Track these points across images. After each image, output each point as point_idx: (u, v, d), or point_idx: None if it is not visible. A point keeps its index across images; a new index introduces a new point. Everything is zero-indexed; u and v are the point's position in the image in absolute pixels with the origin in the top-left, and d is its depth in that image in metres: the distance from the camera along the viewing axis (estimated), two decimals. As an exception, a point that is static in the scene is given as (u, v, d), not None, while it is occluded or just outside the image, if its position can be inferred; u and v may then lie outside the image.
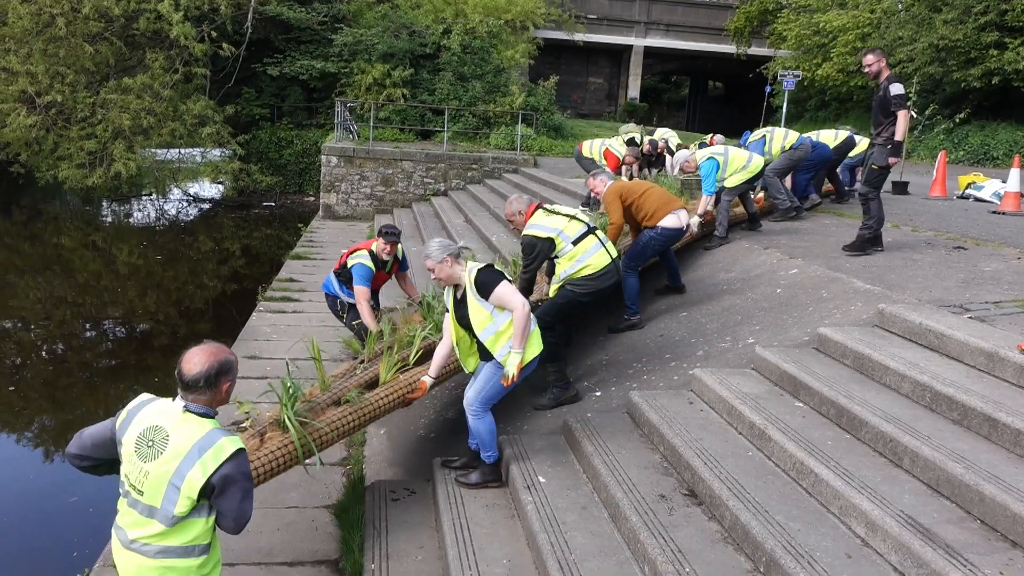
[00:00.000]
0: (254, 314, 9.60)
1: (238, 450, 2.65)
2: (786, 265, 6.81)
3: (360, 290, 6.30)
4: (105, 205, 22.83)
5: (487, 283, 4.13)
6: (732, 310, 6.29)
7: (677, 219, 6.52)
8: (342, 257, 6.63)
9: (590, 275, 5.42)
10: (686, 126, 35.29)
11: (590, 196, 10.91)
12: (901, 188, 11.33)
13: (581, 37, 29.83)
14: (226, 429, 2.76)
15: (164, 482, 2.60)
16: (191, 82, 19.60)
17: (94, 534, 5.33)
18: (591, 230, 5.55)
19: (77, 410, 8.64)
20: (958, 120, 16.86)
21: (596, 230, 5.60)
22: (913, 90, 14.01)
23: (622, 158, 10.87)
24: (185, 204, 23.20)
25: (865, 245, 6.77)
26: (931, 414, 3.84)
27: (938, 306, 5.05)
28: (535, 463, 4.43)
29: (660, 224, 6.43)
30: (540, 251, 5.50)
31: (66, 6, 17.84)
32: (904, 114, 6.35)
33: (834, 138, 9.61)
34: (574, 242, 5.44)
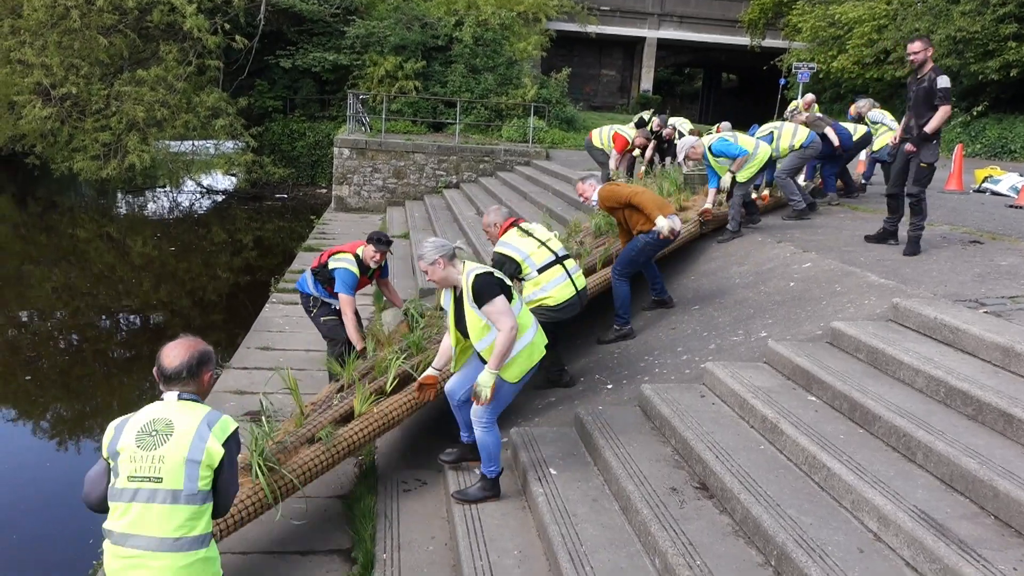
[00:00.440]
0: (267, 305, 9.65)
1: (236, 427, 2.84)
2: (800, 259, 6.77)
3: (346, 299, 5.96)
4: (119, 197, 22.99)
5: (483, 293, 3.92)
6: (745, 304, 6.27)
7: (672, 224, 6.30)
8: (322, 256, 6.24)
9: (551, 306, 5.31)
10: (699, 119, 35.10)
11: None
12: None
13: (594, 29, 29.72)
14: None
15: (182, 461, 2.65)
16: (204, 74, 19.68)
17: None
18: (559, 259, 5.43)
19: (92, 400, 8.73)
20: (975, 113, 16.70)
21: (565, 260, 5.48)
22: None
23: (631, 140, 10.70)
24: (198, 196, 23.32)
25: (916, 244, 6.48)
26: (945, 409, 3.81)
27: (953, 300, 5.01)
28: (546, 455, 4.43)
29: (655, 229, 6.20)
30: (506, 271, 5.42)
31: (80, -2, 17.95)
32: (947, 109, 6.18)
33: (853, 131, 9.52)
34: (539, 270, 5.35)
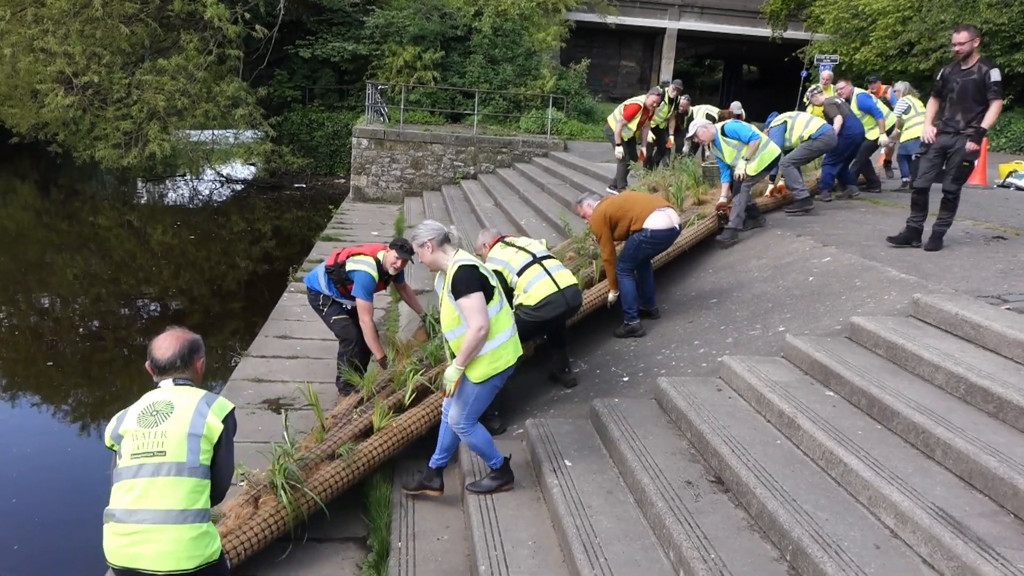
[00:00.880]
0: (285, 294, 9.71)
1: (233, 407, 2.95)
2: (819, 253, 6.72)
3: (364, 304, 5.82)
4: (140, 185, 23.18)
5: (460, 286, 3.89)
6: (763, 298, 6.23)
7: (667, 218, 6.12)
8: (339, 255, 6.07)
9: (531, 306, 5.26)
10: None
11: (616, 185, 10.85)
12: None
13: (614, 20, 29.50)
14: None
15: (184, 435, 2.77)
16: (224, 64, 19.74)
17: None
18: (536, 260, 5.41)
19: (112, 386, 8.84)
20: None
21: (544, 260, 5.45)
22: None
23: (643, 105, 10.42)
24: (218, 185, 23.46)
25: (940, 240, 6.34)
26: (965, 406, 3.78)
27: (975, 296, 4.95)
28: (561, 447, 4.44)
29: (646, 226, 6.08)
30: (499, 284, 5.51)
31: (102, -13, 18.06)
32: (1000, 103, 5.94)
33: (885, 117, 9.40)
34: (518, 272, 5.36)
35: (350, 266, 5.91)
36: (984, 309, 4.58)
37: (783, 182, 8.89)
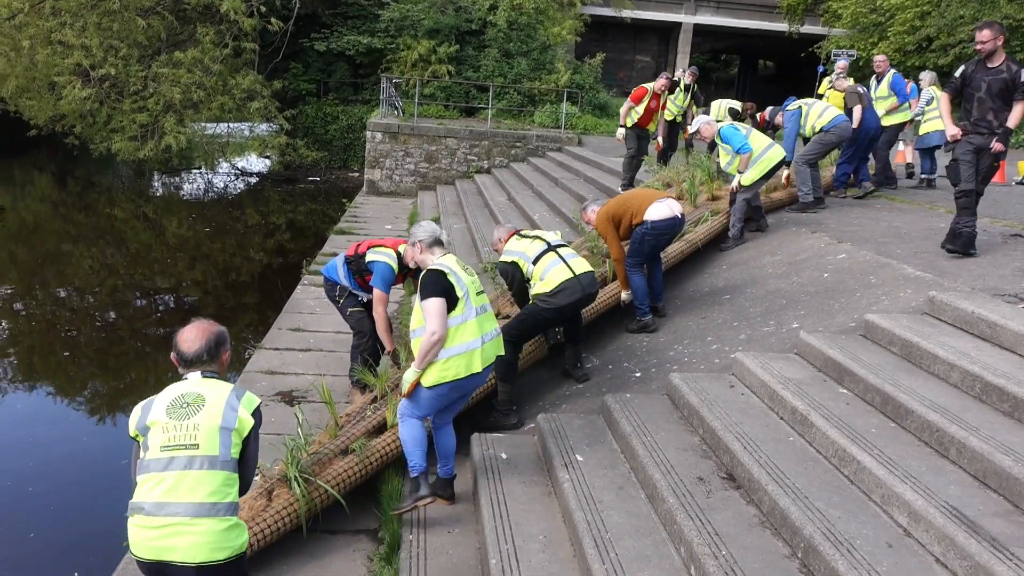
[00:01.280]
0: (298, 287, 9.75)
1: (260, 402, 2.97)
2: (834, 250, 6.68)
3: (380, 295, 5.79)
4: (156, 177, 23.33)
5: (424, 288, 3.93)
6: (777, 294, 6.20)
7: (667, 208, 6.13)
8: (360, 246, 6.07)
9: (548, 292, 5.28)
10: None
11: (630, 181, 10.79)
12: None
13: (629, 14, 29.39)
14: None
15: (217, 428, 2.78)
16: (240, 57, 19.82)
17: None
18: (551, 248, 5.44)
19: (127, 377, 8.92)
20: (1020, 103, 16.25)
21: (559, 247, 5.48)
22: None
23: (650, 89, 10.29)
24: (233, 178, 23.59)
25: (971, 243, 6.07)
26: (980, 405, 3.75)
27: (992, 295, 4.91)
28: (573, 442, 4.44)
29: (646, 218, 6.11)
30: (512, 276, 5.54)
31: (119, -20, 18.17)
32: None
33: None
34: (534, 261, 5.39)
35: (370, 257, 5.89)
36: (1001, 307, 4.54)
37: (789, 172, 8.73)
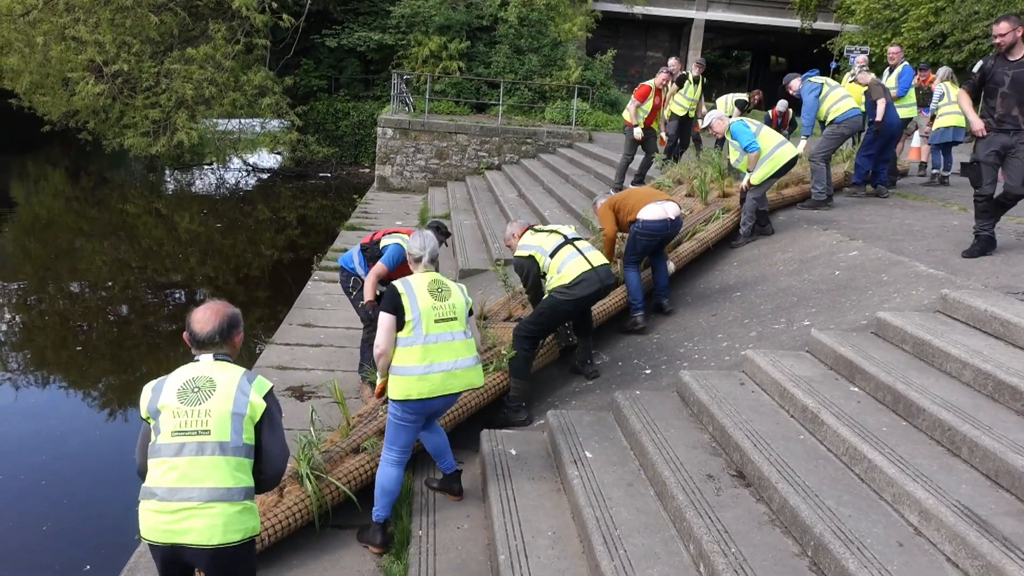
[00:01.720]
0: (309, 283, 9.78)
1: (272, 387, 2.91)
2: (846, 247, 6.64)
3: (380, 267, 5.74)
4: (168, 173, 23.44)
5: (381, 301, 3.94)
6: (788, 291, 6.18)
7: (661, 210, 6.25)
8: (376, 234, 6.12)
9: (565, 284, 5.31)
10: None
11: (643, 177, 10.77)
12: (968, 169, 10.84)
13: (640, 10, 29.30)
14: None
15: (228, 414, 2.75)
16: (252, 53, 19.88)
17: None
18: (568, 240, 5.49)
19: (139, 371, 8.96)
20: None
21: (576, 241, 5.52)
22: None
23: (653, 86, 10.19)
24: (244, 173, 23.67)
25: (988, 248, 5.97)
26: (993, 403, 3.72)
27: (1005, 293, 4.87)
28: (582, 438, 4.44)
29: (639, 217, 6.24)
30: (528, 271, 5.54)
31: (132, -23, 18.26)
32: None
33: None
34: (551, 255, 5.42)
35: (385, 242, 5.95)
36: (1014, 305, 4.50)
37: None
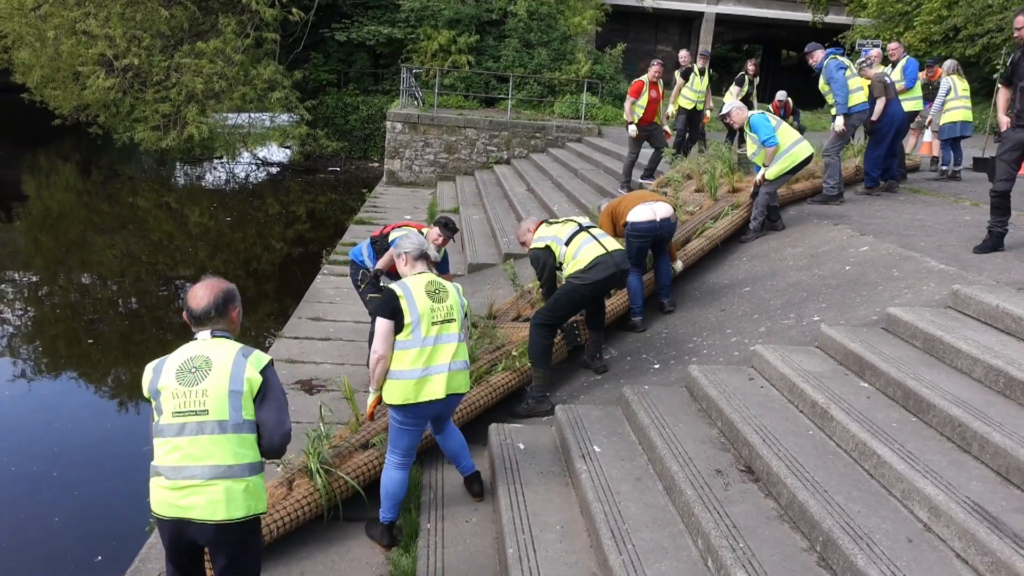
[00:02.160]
0: (318, 277, 9.80)
1: (271, 360, 2.92)
2: (856, 242, 6.61)
3: (388, 253, 5.87)
4: (178, 167, 23.52)
5: (378, 306, 3.89)
6: (798, 286, 6.15)
7: (650, 211, 6.28)
8: (386, 228, 6.26)
9: (582, 268, 5.36)
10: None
11: (653, 171, 10.75)
12: (984, 165, 10.78)
13: (651, 4, 29.20)
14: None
15: (225, 392, 2.78)
16: (261, 47, 19.90)
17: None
18: (583, 228, 5.56)
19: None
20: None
21: (590, 228, 5.60)
22: (1002, 62, 13.30)
23: (646, 80, 10.09)
24: (254, 167, 23.71)
25: (999, 243, 5.89)
26: (1004, 400, 3.70)
27: (1017, 288, 4.84)
28: (590, 433, 4.44)
29: (629, 219, 6.29)
30: (544, 262, 5.57)
31: (143, -30, 18.30)
32: None
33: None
34: (566, 242, 5.47)
35: (395, 235, 5.97)
36: (1027, 302, 4.47)
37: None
